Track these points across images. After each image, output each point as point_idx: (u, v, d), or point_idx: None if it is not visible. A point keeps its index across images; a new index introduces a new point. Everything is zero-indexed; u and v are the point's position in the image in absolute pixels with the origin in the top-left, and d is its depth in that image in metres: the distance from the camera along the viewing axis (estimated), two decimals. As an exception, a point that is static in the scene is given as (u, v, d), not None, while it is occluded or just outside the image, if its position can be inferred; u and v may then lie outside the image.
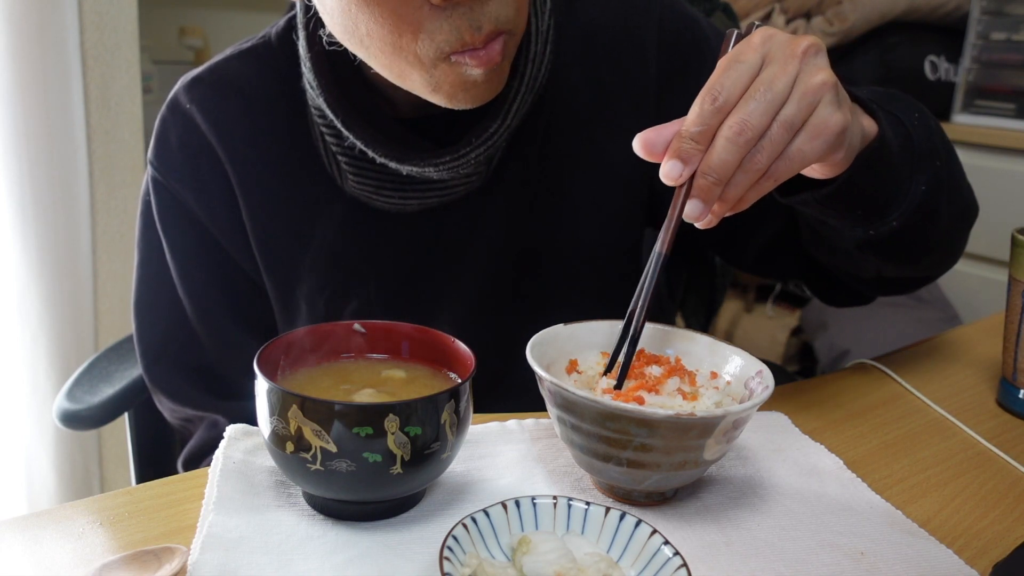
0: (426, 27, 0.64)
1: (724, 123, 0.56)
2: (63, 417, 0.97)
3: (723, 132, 0.55)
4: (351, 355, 0.63)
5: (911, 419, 0.78)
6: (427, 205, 0.81)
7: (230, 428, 0.65)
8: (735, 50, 0.58)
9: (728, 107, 0.56)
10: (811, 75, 0.57)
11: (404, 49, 0.65)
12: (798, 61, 0.57)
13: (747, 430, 0.70)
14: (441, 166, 0.76)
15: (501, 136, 0.77)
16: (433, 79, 0.67)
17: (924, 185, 0.70)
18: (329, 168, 0.81)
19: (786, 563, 0.54)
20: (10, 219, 1.64)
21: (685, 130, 0.56)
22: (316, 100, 0.77)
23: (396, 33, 0.64)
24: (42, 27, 1.58)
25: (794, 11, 2.18)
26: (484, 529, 0.50)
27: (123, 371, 1.02)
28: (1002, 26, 2.16)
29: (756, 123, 0.55)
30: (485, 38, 0.65)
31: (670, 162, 0.56)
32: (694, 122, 0.56)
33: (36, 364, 1.72)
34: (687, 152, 0.56)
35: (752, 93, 0.56)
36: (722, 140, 0.55)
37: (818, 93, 0.56)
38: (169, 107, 0.83)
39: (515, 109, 0.77)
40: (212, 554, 0.51)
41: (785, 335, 2.29)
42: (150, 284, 0.87)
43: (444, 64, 0.66)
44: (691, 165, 0.56)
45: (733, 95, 0.56)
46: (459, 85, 0.68)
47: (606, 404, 0.54)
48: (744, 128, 0.55)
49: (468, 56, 0.65)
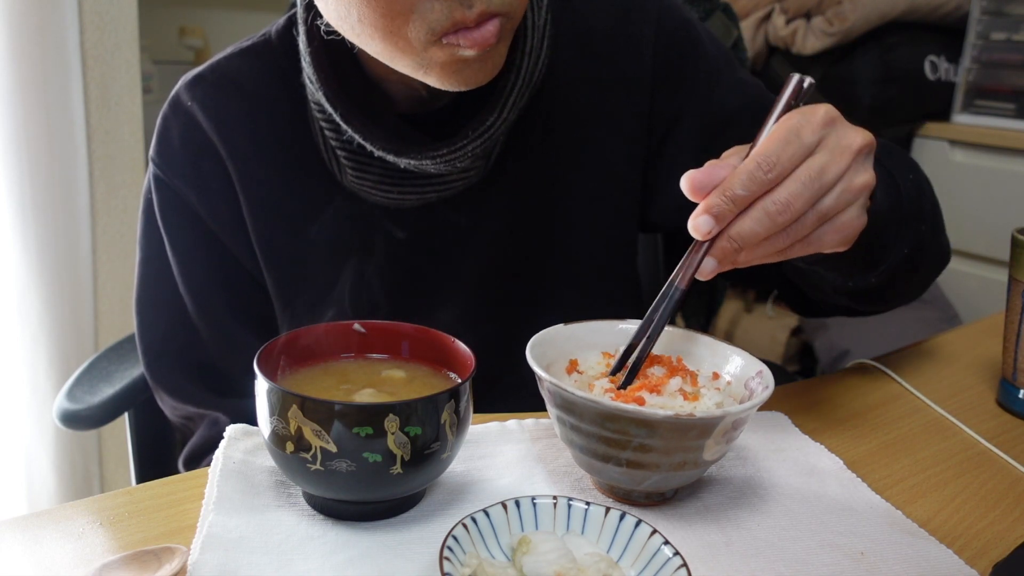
0: (417, 8, 0.64)
1: (768, 196, 0.56)
2: (63, 417, 0.97)
3: (765, 205, 0.56)
4: (351, 355, 0.63)
5: (911, 419, 0.78)
6: (425, 200, 0.81)
7: (230, 428, 0.65)
8: (796, 123, 0.57)
9: (776, 181, 0.56)
10: (857, 175, 0.58)
11: (395, 33, 0.65)
12: (850, 158, 0.57)
13: (747, 430, 0.70)
14: (438, 159, 0.76)
15: (498, 129, 0.77)
16: (424, 61, 0.67)
17: (907, 248, 0.72)
18: (328, 163, 0.81)
19: (786, 563, 0.54)
20: (10, 219, 1.64)
21: (729, 189, 0.56)
22: (315, 95, 0.78)
23: (388, 16, 0.64)
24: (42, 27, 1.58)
25: (794, 11, 2.18)
26: (484, 529, 0.50)
27: (123, 371, 1.02)
28: (1002, 26, 2.16)
29: (798, 208, 0.56)
30: (477, 17, 0.64)
31: (704, 217, 0.56)
32: (741, 184, 0.56)
33: (36, 364, 1.72)
34: (723, 212, 0.56)
35: (802, 176, 0.56)
36: (760, 212, 0.56)
37: (857, 194, 0.58)
38: (171, 105, 0.84)
39: (512, 103, 0.77)
40: (212, 554, 0.51)
41: (785, 335, 2.29)
42: (151, 281, 0.87)
43: (435, 47, 0.66)
44: (722, 225, 0.56)
45: (785, 171, 0.56)
46: (450, 66, 0.68)
47: (606, 404, 0.54)
48: (786, 209, 0.55)
49: (460, 36, 0.65)
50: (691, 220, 0.57)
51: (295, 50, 0.80)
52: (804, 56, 2.17)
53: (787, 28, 2.18)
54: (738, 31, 1.60)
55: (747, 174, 0.56)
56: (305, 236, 0.83)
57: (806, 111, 0.58)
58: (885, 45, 2.14)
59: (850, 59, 2.15)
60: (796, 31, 2.17)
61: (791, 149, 0.56)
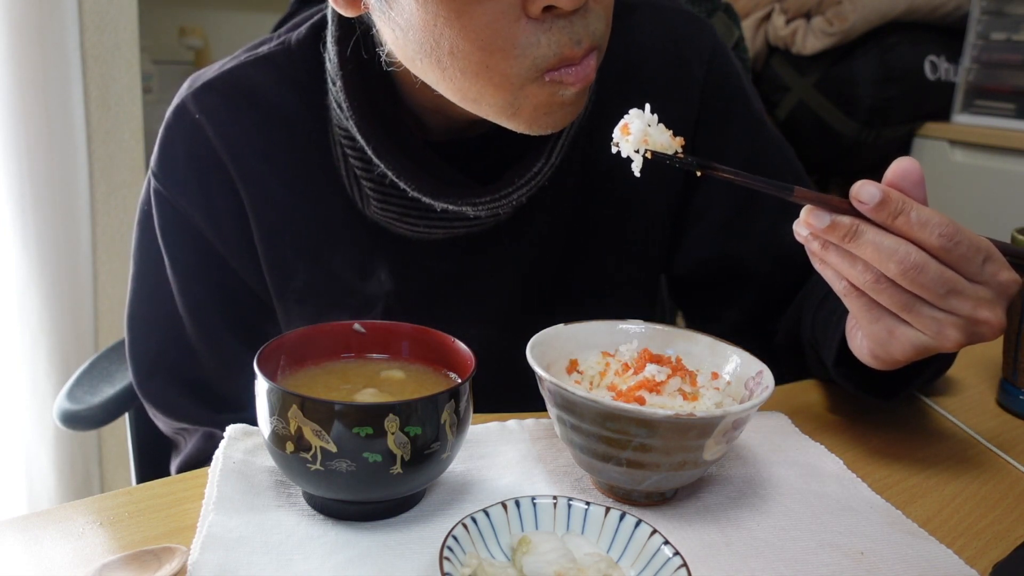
0: (520, 42, 0.59)
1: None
2: (63, 417, 0.97)
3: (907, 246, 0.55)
4: (351, 355, 0.63)
5: (911, 419, 0.78)
6: (454, 234, 0.77)
7: (230, 428, 0.64)
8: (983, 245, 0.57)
9: (943, 251, 0.55)
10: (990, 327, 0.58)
11: (492, 68, 0.60)
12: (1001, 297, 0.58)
13: (747, 430, 0.70)
14: (480, 206, 0.72)
15: (544, 176, 0.73)
16: (516, 101, 0.62)
17: (935, 377, 0.73)
18: (350, 190, 0.76)
19: (786, 563, 0.54)
20: (10, 219, 1.64)
21: (908, 203, 0.55)
22: (344, 121, 0.73)
23: (486, 51, 0.59)
24: (42, 27, 1.59)
25: (794, 11, 2.18)
26: (484, 529, 0.50)
27: (123, 371, 1.02)
28: (1002, 26, 2.16)
29: (931, 272, 0.55)
30: (584, 52, 0.61)
31: (873, 189, 0.55)
32: (917, 212, 0.55)
33: (36, 364, 1.72)
34: (888, 207, 0.55)
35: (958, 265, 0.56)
36: (898, 243, 0.55)
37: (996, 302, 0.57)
38: (175, 114, 0.77)
39: (560, 145, 0.73)
40: (212, 554, 0.51)
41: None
42: (146, 297, 0.83)
43: (534, 85, 0.61)
44: (878, 214, 0.55)
45: (955, 251, 0.56)
46: (544, 107, 0.63)
47: (606, 404, 0.54)
48: (917, 266, 0.55)
49: (564, 73, 0.61)
50: (860, 183, 0.56)
51: (318, 64, 0.75)
52: (804, 56, 2.17)
53: (787, 28, 2.18)
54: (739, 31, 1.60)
55: (933, 217, 0.55)
56: (321, 263, 0.79)
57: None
58: (885, 45, 2.14)
59: (850, 59, 2.15)
60: (796, 31, 2.17)
61: (970, 242, 0.56)
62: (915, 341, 0.58)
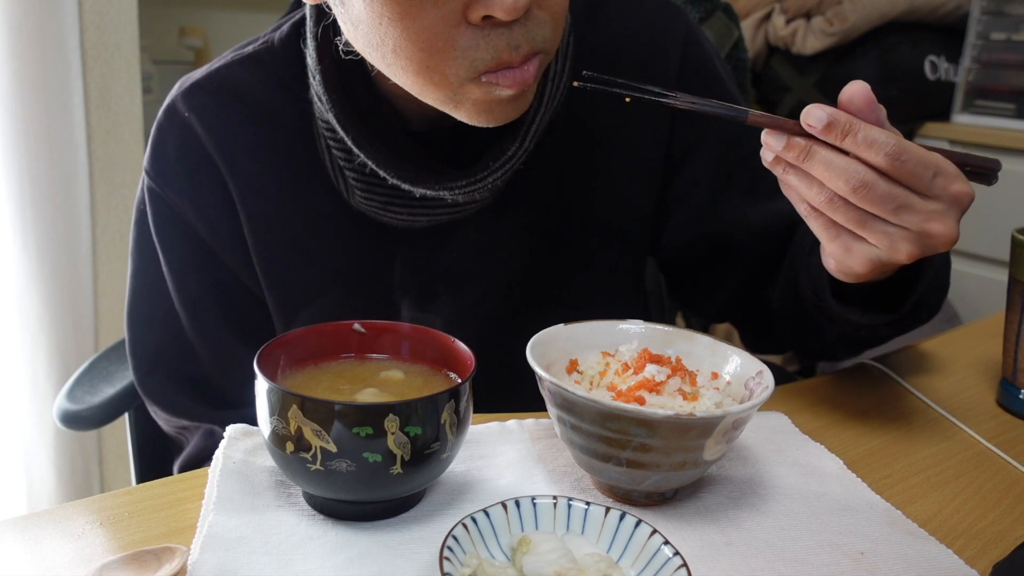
0: (460, 45, 0.61)
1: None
2: (63, 417, 0.97)
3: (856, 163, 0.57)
4: (351, 355, 0.63)
5: (911, 419, 0.78)
6: (437, 221, 0.79)
7: (230, 428, 0.64)
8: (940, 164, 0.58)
9: (891, 167, 0.57)
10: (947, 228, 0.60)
11: (432, 68, 0.63)
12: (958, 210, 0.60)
13: (747, 430, 0.70)
14: (457, 190, 0.74)
15: (519, 159, 0.75)
16: (456, 97, 0.65)
17: (926, 314, 0.75)
18: (335, 181, 0.78)
19: (786, 563, 0.54)
20: (10, 219, 1.64)
21: (855, 123, 0.57)
22: (325, 114, 0.75)
23: (427, 52, 0.62)
24: (42, 27, 1.58)
25: (794, 11, 2.18)
26: (484, 529, 0.50)
27: (123, 371, 1.02)
28: (1002, 26, 2.16)
29: (879, 189, 0.57)
30: (522, 58, 0.62)
31: (821, 113, 0.57)
32: (865, 131, 0.57)
33: (36, 364, 1.72)
34: (837, 126, 0.57)
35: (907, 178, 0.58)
36: (849, 162, 0.57)
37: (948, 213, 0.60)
38: (166, 114, 0.80)
39: (534, 131, 0.75)
40: (212, 554, 0.51)
41: (785, 335, 2.28)
42: (143, 295, 0.84)
43: (472, 84, 0.64)
44: (827, 134, 0.57)
45: (903, 168, 0.57)
46: (483, 104, 0.66)
47: (606, 404, 0.54)
48: (866, 184, 0.57)
49: (501, 76, 0.63)
50: (809, 107, 0.57)
51: (300, 60, 0.77)
52: (804, 56, 2.17)
53: (787, 28, 2.18)
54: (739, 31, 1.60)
55: (880, 137, 0.56)
56: (309, 254, 0.81)
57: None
58: (885, 45, 2.14)
59: (850, 59, 2.15)
60: (796, 31, 2.17)
61: (918, 159, 0.57)
62: (870, 255, 0.61)
